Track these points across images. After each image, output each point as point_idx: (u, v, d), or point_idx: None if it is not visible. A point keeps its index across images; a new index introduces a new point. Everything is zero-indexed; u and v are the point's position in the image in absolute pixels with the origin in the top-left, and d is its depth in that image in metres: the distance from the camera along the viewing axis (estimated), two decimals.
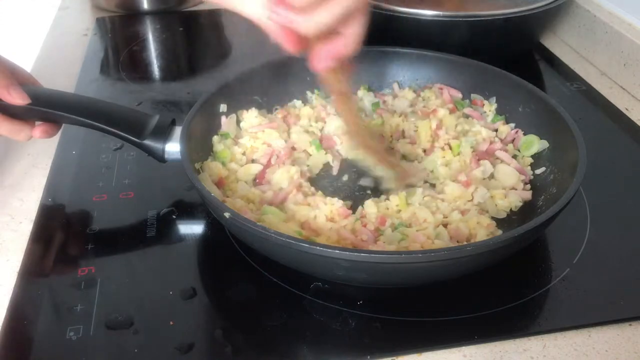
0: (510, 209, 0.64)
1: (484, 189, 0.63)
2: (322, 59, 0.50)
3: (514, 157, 0.70)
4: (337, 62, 0.51)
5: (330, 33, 0.49)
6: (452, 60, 0.79)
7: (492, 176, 0.68)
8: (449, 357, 0.50)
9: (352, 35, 0.49)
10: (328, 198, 0.62)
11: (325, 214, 0.59)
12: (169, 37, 1.12)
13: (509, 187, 0.66)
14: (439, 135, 0.72)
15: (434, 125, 0.73)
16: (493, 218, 0.62)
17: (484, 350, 0.50)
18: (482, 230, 0.58)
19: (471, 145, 0.69)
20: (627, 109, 0.86)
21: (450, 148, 0.70)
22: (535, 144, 0.70)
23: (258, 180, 0.67)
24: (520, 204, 0.64)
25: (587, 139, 0.61)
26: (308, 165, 0.70)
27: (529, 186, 0.66)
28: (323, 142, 0.73)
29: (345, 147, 0.72)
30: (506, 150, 0.71)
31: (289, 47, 0.48)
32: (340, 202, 0.61)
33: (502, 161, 0.69)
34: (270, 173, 0.66)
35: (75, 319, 0.52)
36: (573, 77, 0.95)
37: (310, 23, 0.45)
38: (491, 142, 0.71)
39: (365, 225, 0.59)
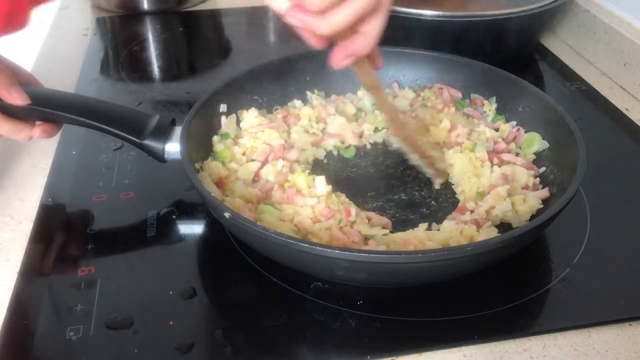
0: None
1: (507, 204, 0.61)
2: (339, 58, 0.52)
3: (516, 154, 0.70)
4: (355, 60, 0.53)
5: (349, 32, 0.50)
6: (452, 60, 0.79)
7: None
8: (449, 357, 0.50)
9: (368, 34, 0.51)
10: (312, 176, 0.62)
11: (309, 216, 0.59)
12: (169, 37, 1.12)
13: (522, 185, 0.64)
14: (457, 134, 0.72)
15: (448, 125, 0.73)
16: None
17: (484, 350, 0.50)
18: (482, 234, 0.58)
19: (487, 148, 0.69)
20: (627, 109, 0.86)
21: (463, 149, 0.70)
22: (537, 141, 0.69)
23: (256, 178, 0.67)
24: (541, 205, 0.61)
25: (587, 139, 0.61)
26: (299, 161, 0.70)
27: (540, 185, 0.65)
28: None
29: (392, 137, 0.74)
30: (509, 151, 0.70)
31: (313, 44, 0.50)
32: (322, 178, 0.61)
33: (508, 162, 0.68)
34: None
35: (75, 319, 0.52)
36: (573, 77, 0.95)
37: (325, 25, 0.47)
38: (495, 142, 0.71)
39: (352, 227, 0.59)
